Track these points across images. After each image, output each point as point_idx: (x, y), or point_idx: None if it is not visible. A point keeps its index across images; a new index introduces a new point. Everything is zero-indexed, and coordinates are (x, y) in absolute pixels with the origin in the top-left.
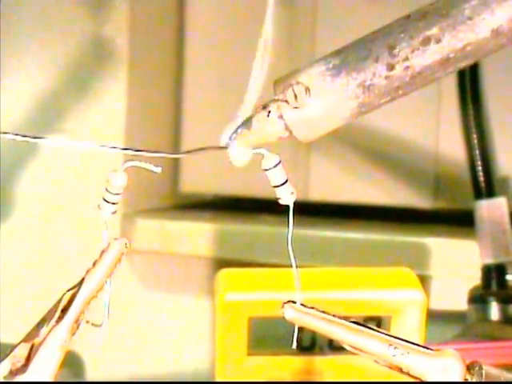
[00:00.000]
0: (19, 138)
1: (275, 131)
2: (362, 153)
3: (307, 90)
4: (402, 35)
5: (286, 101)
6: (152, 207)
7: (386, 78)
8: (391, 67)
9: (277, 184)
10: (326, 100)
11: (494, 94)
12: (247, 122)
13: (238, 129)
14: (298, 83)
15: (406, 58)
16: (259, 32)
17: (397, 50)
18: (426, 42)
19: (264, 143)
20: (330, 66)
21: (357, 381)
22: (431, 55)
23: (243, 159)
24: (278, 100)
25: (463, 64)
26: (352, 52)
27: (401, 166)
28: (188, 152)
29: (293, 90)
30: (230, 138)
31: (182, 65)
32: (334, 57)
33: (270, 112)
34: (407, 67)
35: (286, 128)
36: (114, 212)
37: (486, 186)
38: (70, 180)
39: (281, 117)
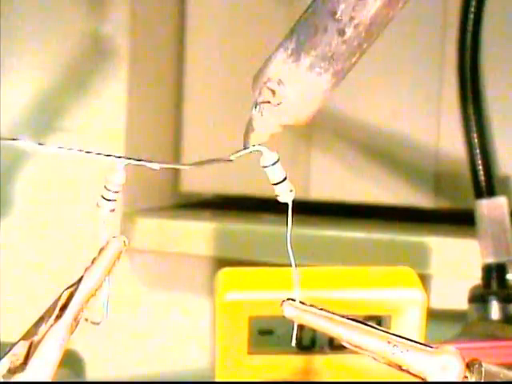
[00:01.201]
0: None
1: (272, 129)
2: (362, 152)
3: (279, 82)
4: None
5: (268, 101)
6: (152, 206)
7: (343, 42)
8: (342, 32)
9: (275, 181)
10: (301, 84)
11: (494, 94)
12: (249, 125)
13: (246, 134)
14: (269, 79)
15: (352, 18)
16: (259, 32)
17: (339, 15)
18: None
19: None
20: (289, 52)
21: (357, 381)
22: (373, 5)
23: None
24: (262, 102)
25: None
26: (302, 31)
27: (401, 164)
28: (198, 163)
29: (268, 89)
30: (246, 143)
31: (182, 64)
32: (289, 41)
33: (262, 113)
34: (357, 25)
35: (280, 124)
36: (113, 210)
37: (487, 185)
38: (70, 179)
39: (270, 116)
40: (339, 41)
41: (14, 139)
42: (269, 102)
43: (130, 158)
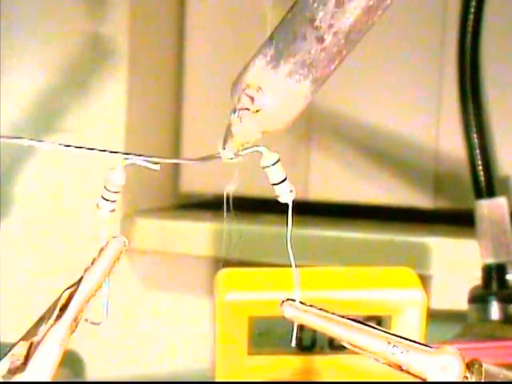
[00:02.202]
0: (24, 143)
1: (251, 135)
2: (362, 152)
3: (258, 89)
4: (316, 4)
5: (247, 108)
6: (152, 207)
7: (322, 50)
8: (321, 39)
9: (276, 182)
10: (280, 91)
11: (494, 94)
12: (228, 131)
13: (225, 139)
14: (248, 86)
15: (331, 26)
16: (259, 31)
17: (318, 22)
18: (339, 2)
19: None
20: (268, 58)
21: (357, 381)
22: (351, 12)
23: (236, 160)
24: (240, 108)
25: (388, 2)
26: (280, 38)
27: (401, 165)
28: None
29: (247, 95)
30: (224, 148)
31: (182, 64)
32: (268, 48)
33: (241, 119)
34: (336, 33)
35: (259, 131)
36: (113, 210)
37: (487, 185)
38: (70, 179)
39: (249, 122)
40: (318, 48)
41: (16, 137)
42: (247, 109)
43: (139, 155)
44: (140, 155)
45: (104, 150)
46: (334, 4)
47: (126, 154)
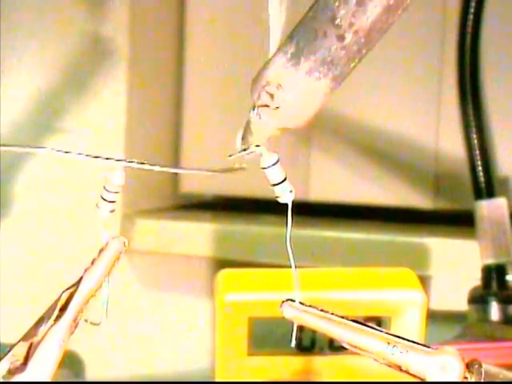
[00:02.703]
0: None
1: (270, 132)
2: (362, 152)
3: (278, 86)
4: (337, 3)
5: (266, 105)
6: (152, 207)
7: (342, 48)
8: (342, 38)
9: (275, 182)
10: (300, 88)
11: (494, 94)
12: (248, 128)
13: (244, 136)
14: (268, 83)
15: (351, 24)
16: (259, 31)
17: (338, 21)
18: (360, 1)
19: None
20: (288, 56)
21: (357, 381)
22: (372, 11)
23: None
24: (260, 105)
25: (408, 1)
26: (301, 36)
27: (401, 166)
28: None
29: (266, 93)
30: (245, 147)
31: (182, 64)
32: (288, 45)
33: (260, 116)
34: (356, 32)
35: (278, 128)
36: (113, 211)
37: (486, 186)
38: (70, 179)
39: (269, 119)
40: (338, 46)
41: (12, 145)
42: (267, 106)
43: (142, 163)
44: (142, 163)
45: (109, 158)
46: (355, 3)
47: (136, 162)
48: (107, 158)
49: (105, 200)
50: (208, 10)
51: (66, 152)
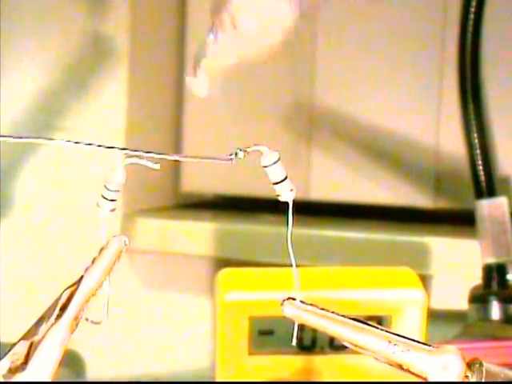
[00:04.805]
0: (22, 140)
1: (225, 59)
2: (362, 152)
3: (239, 7)
4: None
5: (225, 26)
6: (152, 207)
7: None
8: None
9: (276, 181)
10: (261, 10)
11: (494, 94)
12: (201, 52)
13: (198, 59)
14: (229, 5)
15: None
16: None
17: None
18: None
19: (222, 68)
20: None
21: (357, 381)
22: None
23: (205, 88)
24: (219, 26)
25: None
26: None
27: (401, 165)
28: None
29: (227, 14)
30: (196, 71)
31: (182, 63)
32: None
33: (217, 38)
34: None
35: (235, 55)
36: (113, 210)
37: (487, 185)
38: (70, 178)
39: (226, 42)
40: None
41: (18, 137)
42: (225, 29)
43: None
44: (148, 152)
45: (112, 147)
46: None
47: (133, 150)
48: (110, 147)
49: (105, 199)
50: (208, 10)
51: (76, 142)
